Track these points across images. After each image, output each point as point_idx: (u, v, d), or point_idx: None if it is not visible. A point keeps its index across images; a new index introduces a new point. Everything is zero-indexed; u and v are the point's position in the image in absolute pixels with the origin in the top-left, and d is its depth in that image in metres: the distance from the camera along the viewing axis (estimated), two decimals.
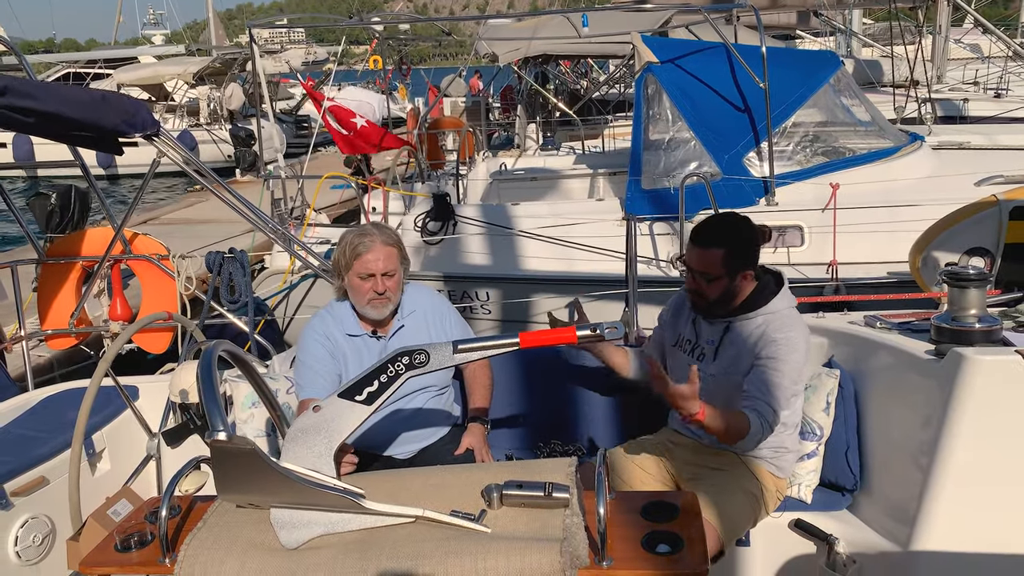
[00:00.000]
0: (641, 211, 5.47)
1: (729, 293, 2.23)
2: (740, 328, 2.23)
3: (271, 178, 6.35)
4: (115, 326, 4.64)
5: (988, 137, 7.00)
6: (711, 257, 2.19)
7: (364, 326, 2.48)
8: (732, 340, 2.24)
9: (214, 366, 1.65)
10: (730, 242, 2.19)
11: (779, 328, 2.17)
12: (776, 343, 2.14)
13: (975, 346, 2.05)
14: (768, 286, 2.27)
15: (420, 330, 2.51)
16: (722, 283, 2.21)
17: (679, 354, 2.39)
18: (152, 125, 3.16)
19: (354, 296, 2.42)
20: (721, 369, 2.25)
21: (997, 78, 11.30)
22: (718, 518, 2.06)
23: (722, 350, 2.26)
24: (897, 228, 4.90)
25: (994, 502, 2.03)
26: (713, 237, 2.20)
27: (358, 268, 2.36)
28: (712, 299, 2.24)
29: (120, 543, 1.77)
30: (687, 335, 2.38)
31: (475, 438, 2.49)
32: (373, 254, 2.36)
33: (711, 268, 2.19)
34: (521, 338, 1.76)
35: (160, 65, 20.41)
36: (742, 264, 2.20)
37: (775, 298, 2.23)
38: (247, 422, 2.71)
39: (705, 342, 2.31)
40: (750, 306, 2.23)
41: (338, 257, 2.41)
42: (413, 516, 1.70)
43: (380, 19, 9.11)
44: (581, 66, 16.44)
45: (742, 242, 2.21)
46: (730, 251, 2.18)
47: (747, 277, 2.23)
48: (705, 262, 2.20)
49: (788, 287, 2.27)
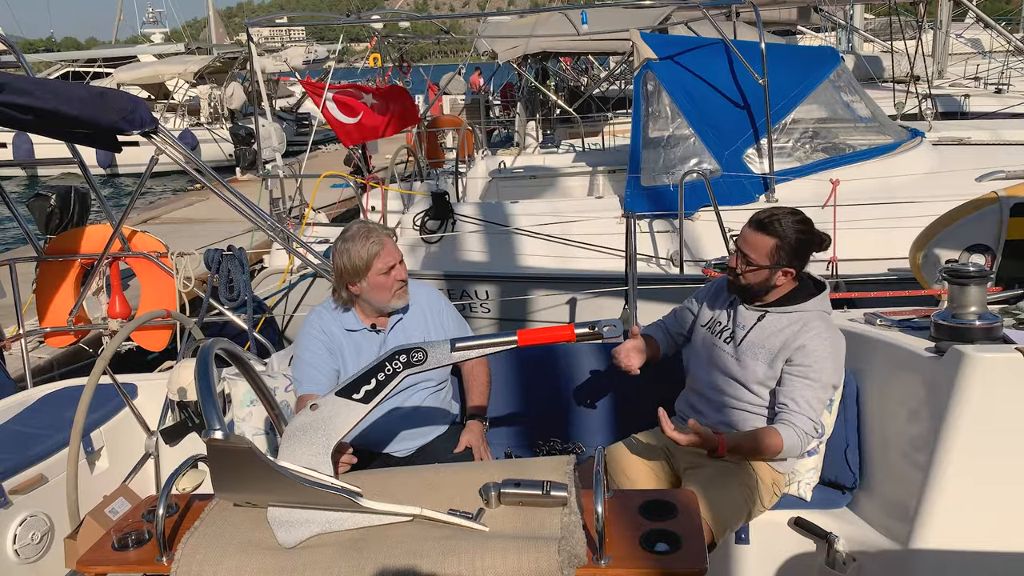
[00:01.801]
0: (640, 208, 5.46)
1: (767, 284, 2.25)
2: (776, 320, 2.26)
3: (269, 177, 6.34)
4: (114, 324, 4.64)
5: (990, 132, 6.99)
6: (761, 243, 2.21)
7: (364, 320, 2.48)
8: (764, 329, 2.27)
9: (211, 364, 1.64)
10: (785, 235, 2.20)
11: (813, 332, 2.19)
12: (806, 350, 2.17)
13: (975, 343, 2.05)
14: (808, 287, 2.30)
15: (418, 325, 2.52)
16: (763, 273, 2.23)
17: (706, 334, 2.42)
18: (150, 122, 3.16)
19: (377, 294, 2.41)
20: (746, 353, 2.28)
21: (998, 73, 11.28)
22: (708, 510, 2.06)
23: (751, 335, 2.29)
24: (897, 224, 4.89)
25: (994, 500, 2.02)
26: (771, 225, 2.21)
27: (379, 266, 2.37)
28: (747, 285, 2.27)
29: (117, 542, 1.76)
30: (720, 318, 2.40)
31: (474, 436, 2.49)
32: (386, 248, 2.39)
33: (757, 254, 2.21)
34: (519, 336, 1.75)
35: (160, 64, 20.39)
36: (787, 260, 2.22)
37: (812, 299, 2.26)
38: (245, 420, 2.70)
39: (738, 326, 2.34)
40: (787, 302, 2.27)
41: (347, 266, 2.37)
42: (411, 515, 1.69)
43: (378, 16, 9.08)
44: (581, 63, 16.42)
45: (796, 239, 2.21)
46: (781, 243, 2.20)
47: (788, 275, 2.25)
48: (754, 246, 2.22)
49: (828, 295, 2.30)
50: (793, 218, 2.24)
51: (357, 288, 2.41)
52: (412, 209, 6.06)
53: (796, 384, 2.17)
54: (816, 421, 2.16)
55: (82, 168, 4.48)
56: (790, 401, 2.16)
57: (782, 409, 2.17)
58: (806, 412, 2.14)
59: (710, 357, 2.37)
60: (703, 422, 2.30)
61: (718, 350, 2.35)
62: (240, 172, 14.59)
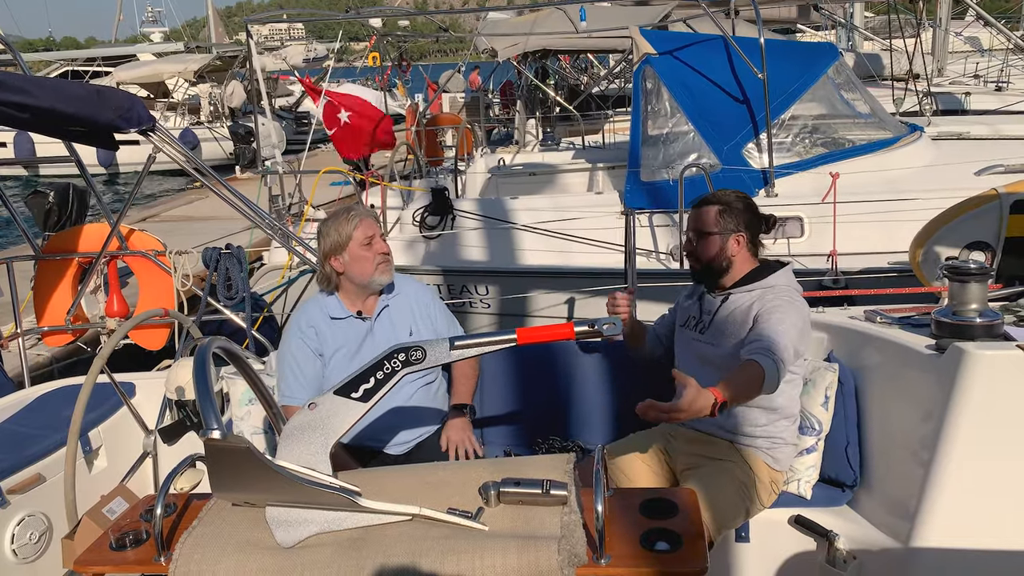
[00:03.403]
0: (640, 204, 5.45)
1: (723, 256, 2.29)
2: (738, 299, 2.29)
3: (268, 174, 6.33)
4: (111, 322, 4.63)
5: (989, 127, 6.98)
6: (705, 214, 2.32)
7: (349, 307, 2.49)
8: (728, 308, 2.30)
9: (208, 363, 1.63)
10: (724, 201, 2.31)
11: (777, 295, 2.22)
12: (775, 306, 2.18)
13: (976, 341, 2.04)
14: (770, 267, 2.33)
15: (404, 316, 2.52)
16: (714, 241, 2.29)
17: (682, 331, 2.45)
18: (147, 120, 3.15)
19: (359, 268, 2.42)
20: (714, 336, 2.29)
21: (998, 71, 11.25)
22: (705, 509, 2.05)
23: (717, 317, 2.31)
24: (897, 218, 4.89)
25: (995, 498, 2.01)
26: (710, 197, 2.36)
27: (359, 237, 2.41)
28: (705, 260, 2.31)
29: (115, 542, 1.75)
30: (692, 313, 2.43)
31: (455, 431, 2.48)
32: (365, 222, 2.44)
33: (704, 223, 2.30)
34: (519, 334, 1.74)
35: (160, 63, 20.35)
36: (735, 223, 2.29)
37: (774, 274, 2.29)
38: (244, 419, 2.70)
39: (705, 313, 2.36)
40: (748, 281, 2.30)
41: (328, 242, 2.44)
42: (410, 514, 1.68)
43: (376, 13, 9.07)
44: (581, 61, 16.39)
45: (737, 203, 2.31)
46: (724, 208, 2.30)
47: (740, 242, 2.29)
48: (699, 220, 2.33)
49: (790, 270, 2.32)
50: (734, 192, 2.37)
51: (340, 263, 2.43)
52: (412, 205, 6.05)
53: (760, 327, 2.14)
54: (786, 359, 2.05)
55: (79, 166, 4.47)
56: (756, 339, 2.09)
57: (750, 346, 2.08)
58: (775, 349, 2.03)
59: (689, 351, 2.39)
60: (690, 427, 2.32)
61: (694, 342, 2.38)
62: (240, 170, 14.60)
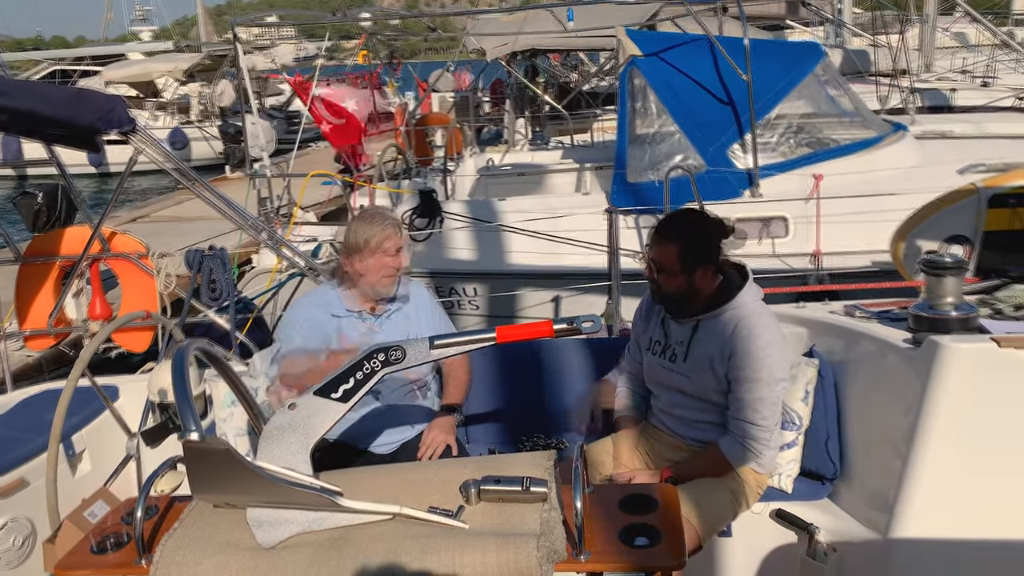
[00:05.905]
0: (626, 204, 5.47)
1: (691, 290, 2.21)
2: (709, 326, 2.22)
3: (257, 176, 6.31)
4: (94, 326, 4.60)
5: (973, 126, 7.03)
6: (667, 251, 2.19)
7: (351, 306, 2.50)
8: (701, 339, 2.23)
9: (186, 365, 1.63)
10: (686, 237, 2.18)
11: (750, 329, 2.14)
12: (742, 352, 2.12)
13: (951, 334, 2.06)
14: (733, 280, 2.25)
15: (411, 318, 2.55)
16: (679, 279, 2.19)
17: (650, 357, 2.37)
18: (128, 122, 3.13)
19: (370, 273, 2.44)
20: (693, 368, 2.24)
21: (984, 67, 11.33)
22: (698, 516, 2.07)
23: (692, 349, 2.24)
24: (880, 217, 4.92)
25: (971, 489, 2.03)
26: (670, 231, 2.21)
27: (387, 246, 2.42)
28: (671, 294, 2.23)
29: (96, 545, 1.74)
30: (656, 337, 2.36)
31: (436, 430, 2.49)
32: (389, 232, 2.44)
33: (667, 262, 2.19)
34: (498, 333, 1.75)
35: (150, 62, 20.24)
36: (699, 260, 2.18)
37: (740, 292, 2.21)
38: (227, 420, 2.69)
39: (675, 343, 2.29)
40: (716, 302, 2.22)
41: (356, 241, 2.43)
42: (391, 513, 1.69)
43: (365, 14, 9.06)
44: (572, 59, 16.39)
45: (699, 238, 2.19)
46: (686, 247, 2.17)
47: (707, 273, 2.21)
48: (662, 255, 2.20)
49: (753, 279, 2.26)
50: (690, 218, 2.26)
51: (362, 265, 2.43)
52: (400, 207, 6.05)
53: (737, 388, 2.14)
54: (768, 418, 2.13)
55: (59, 168, 4.45)
56: (732, 407, 2.15)
57: (731, 419, 2.16)
58: (747, 417, 2.11)
59: (662, 379, 2.34)
60: (678, 437, 2.32)
61: (666, 372, 2.31)
62: (230, 170, 14.52)
